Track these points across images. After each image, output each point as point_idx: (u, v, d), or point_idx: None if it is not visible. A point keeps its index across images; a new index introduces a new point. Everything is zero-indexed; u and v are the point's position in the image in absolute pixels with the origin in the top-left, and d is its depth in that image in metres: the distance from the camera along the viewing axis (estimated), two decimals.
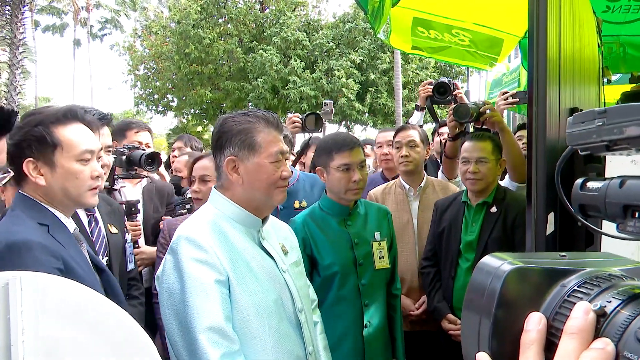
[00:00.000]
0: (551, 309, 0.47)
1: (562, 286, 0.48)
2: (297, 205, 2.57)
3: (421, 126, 3.25)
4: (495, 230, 2.39)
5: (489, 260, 0.52)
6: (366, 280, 2.14)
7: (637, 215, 0.50)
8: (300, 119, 2.96)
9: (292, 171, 2.69)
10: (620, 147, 0.50)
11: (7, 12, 15.63)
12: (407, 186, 2.77)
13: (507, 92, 2.99)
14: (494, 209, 2.43)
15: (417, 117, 3.21)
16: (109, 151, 2.24)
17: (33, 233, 1.41)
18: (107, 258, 2.11)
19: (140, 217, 2.67)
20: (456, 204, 2.54)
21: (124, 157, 2.66)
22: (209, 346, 1.29)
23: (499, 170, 2.50)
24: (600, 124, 0.52)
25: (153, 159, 2.66)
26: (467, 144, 2.47)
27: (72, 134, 1.51)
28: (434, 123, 3.53)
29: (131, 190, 2.83)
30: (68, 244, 1.49)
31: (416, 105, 3.21)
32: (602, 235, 1.42)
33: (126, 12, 31.59)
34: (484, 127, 2.63)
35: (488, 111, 2.56)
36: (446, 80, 2.96)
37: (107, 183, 2.51)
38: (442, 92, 2.86)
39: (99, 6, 31.72)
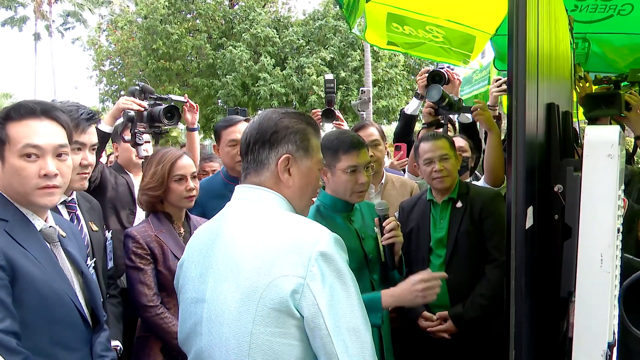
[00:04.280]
0: None
1: None
2: None
3: (417, 116, 3.26)
4: (464, 224, 2.46)
5: None
6: (377, 275, 2.14)
7: None
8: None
9: None
10: None
11: None
12: None
13: (501, 79, 3.02)
14: (459, 204, 2.50)
15: (414, 105, 3.20)
16: (94, 149, 2.17)
17: None
18: (94, 259, 2.05)
19: None
20: (421, 203, 2.60)
21: (145, 113, 2.59)
22: None
23: (459, 165, 2.58)
24: None
25: (172, 113, 2.59)
26: (425, 145, 2.51)
27: (20, 130, 1.46)
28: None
29: (134, 181, 2.81)
30: (28, 242, 1.44)
31: (416, 92, 3.19)
32: (580, 229, 1.44)
33: (90, 7, 30.73)
34: (436, 124, 2.71)
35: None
36: (444, 67, 2.95)
37: (130, 138, 2.60)
38: (438, 80, 2.86)
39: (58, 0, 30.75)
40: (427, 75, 2.91)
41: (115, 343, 2.15)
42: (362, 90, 3.17)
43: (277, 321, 1.21)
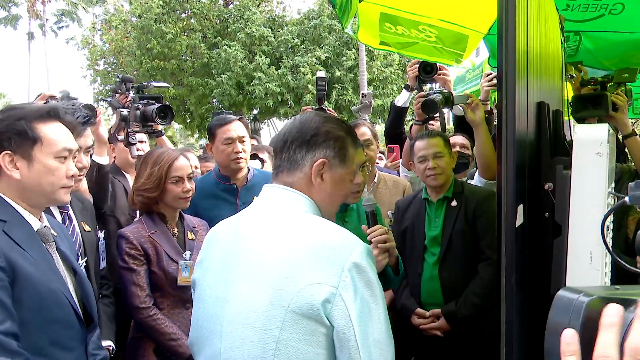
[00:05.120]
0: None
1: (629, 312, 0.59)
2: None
3: (407, 108, 3.27)
4: (458, 223, 2.48)
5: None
6: None
7: None
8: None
9: (248, 168, 2.73)
10: None
11: None
12: None
13: (492, 74, 3.04)
14: (454, 203, 2.52)
15: (405, 97, 3.23)
16: (88, 151, 2.19)
17: None
18: (85, 259, 2.06)
19: None
20: (417, 202, 2.63)
21: (138, 112, 2.58)
22: None
23: (453, 163, 2.60)
24: None
25: (165, 113, 2.58)
26: (420, 143, 2.55)
27: (53, 132, 1.56)
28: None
29: (130, 183, 2.81)
30: (26, 242, 1.47)
31: (406, 84, 3.21)
32: (570, 227, 1.45)
33: (84, 6, 30.57)
34: (427, 121, 2.72)
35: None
36: None
37: (123, 138, 2.61)
38: (429, 70, 2.88)
39: None
40: (417, 66, 2.94)
41: (108, 343, 2.15)
42: (362, 94, 3.14)
43: (306, 328, 1.20)
